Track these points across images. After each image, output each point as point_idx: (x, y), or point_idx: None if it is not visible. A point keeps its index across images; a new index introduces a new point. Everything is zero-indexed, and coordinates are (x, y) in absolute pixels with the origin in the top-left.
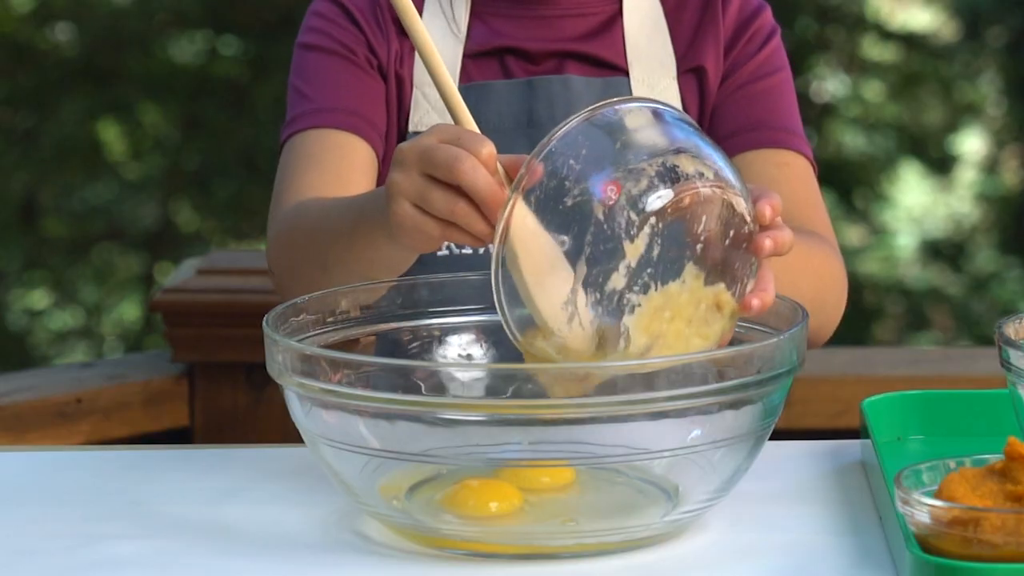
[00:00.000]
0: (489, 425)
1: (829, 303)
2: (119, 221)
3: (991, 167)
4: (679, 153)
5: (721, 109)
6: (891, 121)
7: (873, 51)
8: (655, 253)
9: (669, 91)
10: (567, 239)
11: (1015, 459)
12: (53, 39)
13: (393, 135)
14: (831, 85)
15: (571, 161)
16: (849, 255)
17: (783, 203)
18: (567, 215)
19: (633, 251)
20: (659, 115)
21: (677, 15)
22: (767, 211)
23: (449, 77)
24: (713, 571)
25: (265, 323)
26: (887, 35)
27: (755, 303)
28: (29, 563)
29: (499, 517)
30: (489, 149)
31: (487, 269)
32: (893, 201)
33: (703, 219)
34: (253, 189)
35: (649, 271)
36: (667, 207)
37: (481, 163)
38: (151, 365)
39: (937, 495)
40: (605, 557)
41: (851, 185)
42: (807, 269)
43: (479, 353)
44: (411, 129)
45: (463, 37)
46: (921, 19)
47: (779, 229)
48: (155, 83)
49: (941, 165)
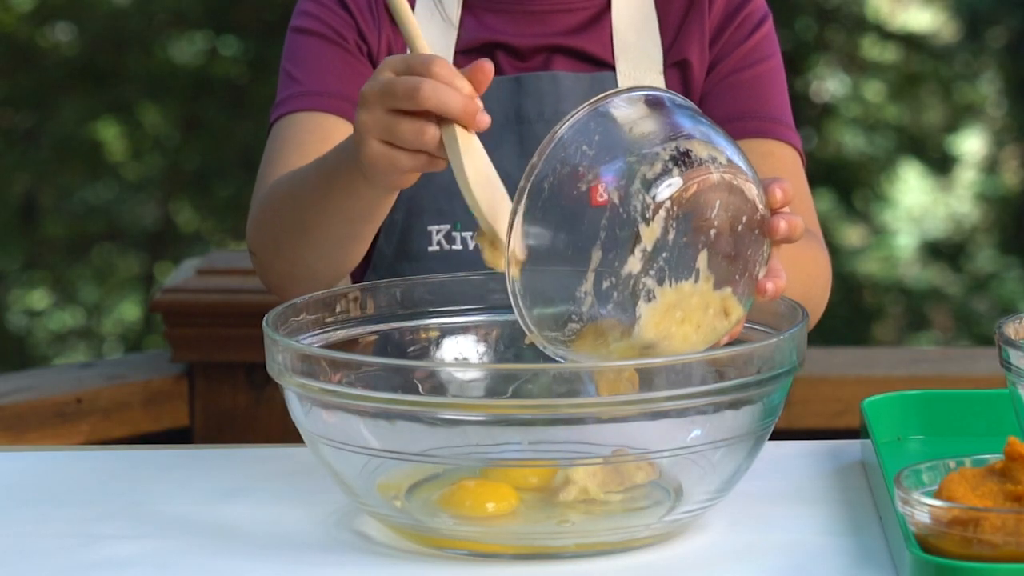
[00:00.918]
0: (489, 425)
1: (815, 296)
2: (119, 221)
3: (991, 167)
4: (691, 139)
5: (708, 98)
6: (891, 121)
7: (873, 51)
8: (670, 237)
9: (656, 85)
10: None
11: (1015, 459)
12: (53, 39)
13: None
14: (831, 85)
15: (584, 147)
16: (849, 255)
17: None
18: (581, 201)
19: (649, 235)
20: (668, 102)
21: (665, 8)
22: (778, 194)
23: (407, 6)
24: (713, 571)
25: (265, 323)
26: (887, 35)
27: (769, 287)
28: (29, 563)
29: (497, 517)
30: (440, 65)
31: (484, 268)
32: (893, 201)
33: (716, 204)
34: (253, 189)
35: (664, 256)
36: (682, 191)
37: (440, 82)
38: (151, 365)
39: (937, 495)
40: (605, 557)
41: (851, 185)
42: (796, 263)
43: (478, 353)
44: None
45: (455, 31)
46: (921, 19)
47: (792, 214)
48: (155, 83)
49: (941, 165)
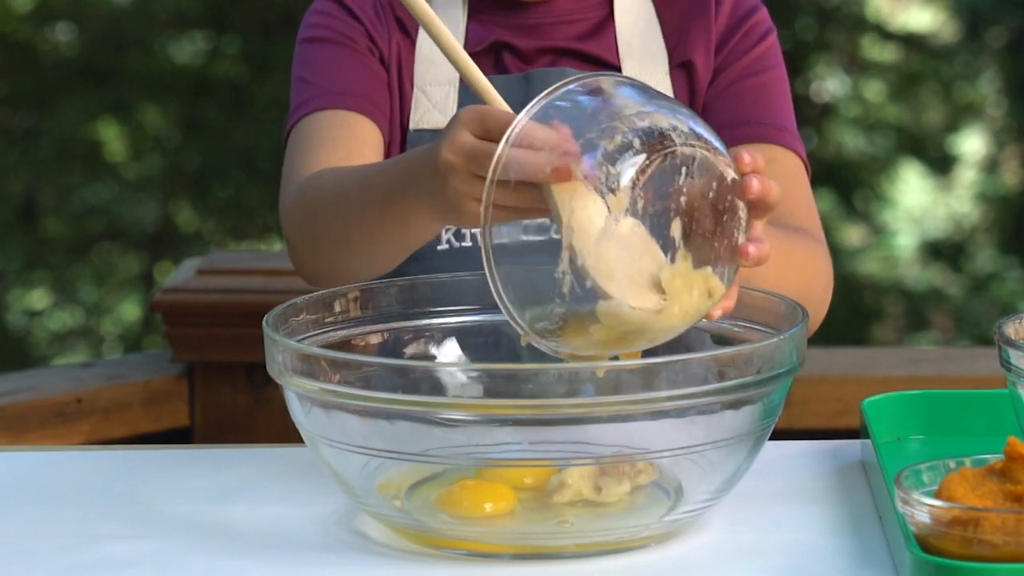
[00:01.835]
0: (488, 425)
1: (815, 296)
2: (119, 221)
3: (991, 167)
4: (650, 112)
5: (712, 105)
6: (891, 121)
7: (873, 51)
8: (639, 206)
9: (662, 85)
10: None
11: (1015, 459)
12: (53, 39)
13: (396, 127)
14: (831, 85)
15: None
16: (849, 255)
17: None
18: (547, 182)
19: (617, 204)
20: (624, 83)
21: (666, 9)
22: (746, 158)
23: (469, 59)
24: (713, 571)
25: (265, 323)
26: (887, 35)
27: (751, 250)
28: (29, 563)
29: (496, 517)
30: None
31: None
32: (893, 201)
33: (682, 170)
34: (253, 189)
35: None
36: (644, 161)
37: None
38: (151, 365)
39: (937, 495)
40: (605, 557)
41: (851, 185)
42: (791, 262)
43: (478, 353)
44: (412, 127)
45: (461, 38)
46: (921, 19)
47: (762, 240)
48: (155, 83)
49: (941, 165)
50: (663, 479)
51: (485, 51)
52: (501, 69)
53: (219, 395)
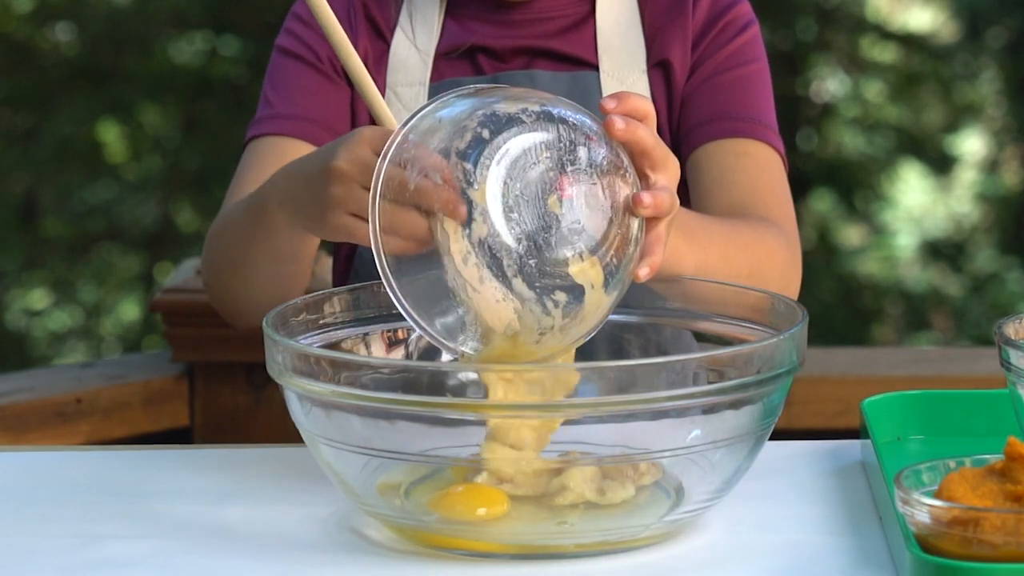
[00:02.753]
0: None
1: (772, 281)
2: (119, 221)
3: (991, 167)
4: (497, 102)
5: (689, 101)
6: (891, 121)
7: (873, 51)
8: (507, 192)
9: (638, 84)
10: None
11: (1015, 459)
12: (53, 39)
13: None
14: (831, 85)
15: (403, 155)
16: (849, 255)
17: (738, 192)
18: (414, 199)
19: (480, 196)
20: (480, 89)
21: (647, 8)
22: (609, 101)
23: (366, 72)
24: (713, 571)
25: (265, 323)
26: (887, 35)
27: (645, 198)
28: (29, 563)
29: (497, 518)
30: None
31: None
32: (893, 201)
33: (539, 144)
34: None
35: (513, 215)
36: (493, 146)
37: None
38: (151, 365)
39: (937, 495)
40: (605, 557)
41: (851, 185)
42: (736, 243)
43: (470, 337)
44: None
45: (437, 35)
46: (921, 19)
47: (657, 190)
48: (155, 83)
49: (941, 165)
50: (663, 479)
51: (460, 53)
52: (476, 70)
53: (219, 395)
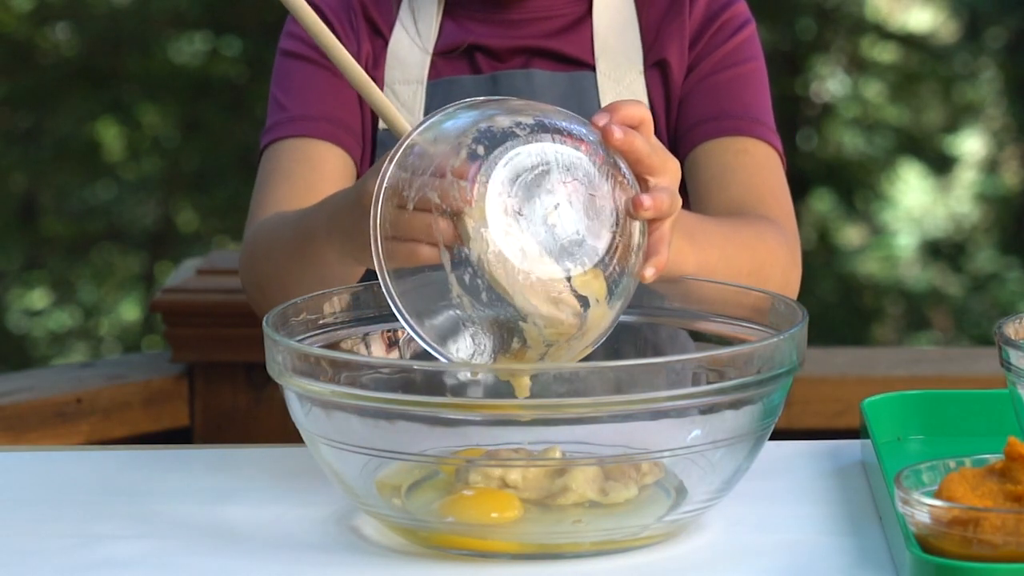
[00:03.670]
0: (489, 425)
1: (773, 280)
2: (119, 221)
3: (991, 167)
4: (493, 117)
5: (687, 100)
6: (891, 121)
7: (873, 51)
8: (504, 209)
9: (635, 85)
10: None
11: (1015, 459)
12: (53, 39)
13: (368, 134)
14: (831, 85)
15: (403, 173)
16: (849, 255)
17: (737, 191)
18: (415, 217)
19: (478, 215)
20: (481, 102)
21: (645, 9)
22: (601, 116)
23: (375, 87)
24: (713, 571)
25: (265, 323)
26: (887, 35)
27: (646, 200)
28: (29, 563)
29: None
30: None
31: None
32: (893, 201)
33: (535, 155)
34: (252, 189)
35: (510, 227)
36: (489, 163)
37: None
38: (151, 365)
39: (937, 495)
40: (605, 557)
41: (851, 185)
42: (736, 242)
43: (478, 353)
44: (381, 126)
45: (435, 34)
46: (921, 19)
47: (657, 192)
48: (154, 83)
49: (941, 165)
50: (664, 479)
51: (458, 51)
52: (473, 69)
53: (219, 395)
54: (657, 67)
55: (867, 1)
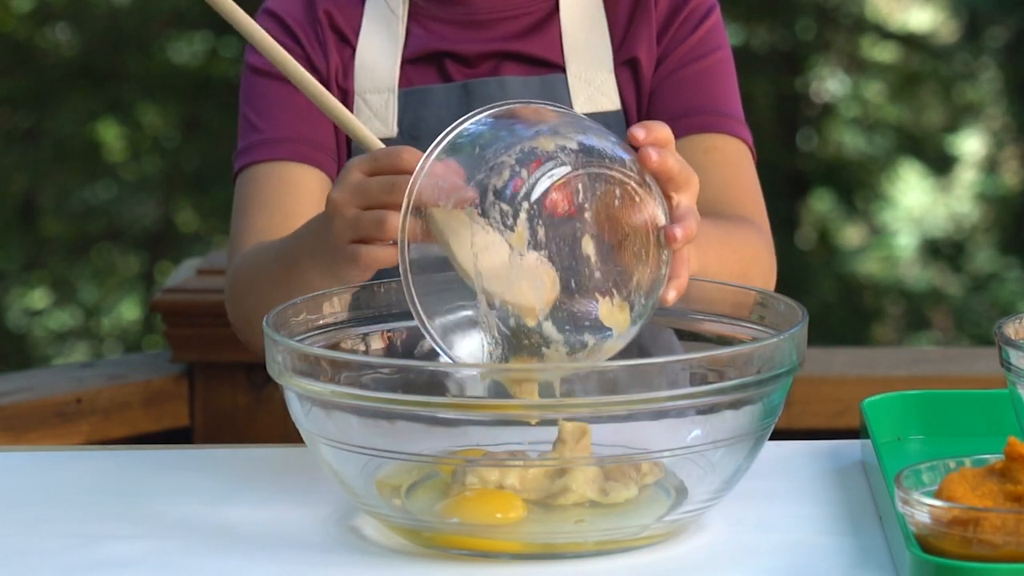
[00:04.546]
0: (489, 425)
1: (756, 282)
2: (119, 221)
3: (991, 167)
4: (536, 137)
5: (655, 97)
6: (891, 121)
7: (873, 51)
8: (541, 235)
9: (606, 84)
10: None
11: (1015, 459)
12: (53, 39)
13: (343, 146)
14: (831, 85)
15: (439, 183)
16: (849, 255)
17: (711, 191)
18: (448, 228)
19: (518, 240)
20: (517, 111)
21: (613, 7)
22: (639, 131)
23: (336, 102)
24: (713, 571)
25: (265, 323)
26: (887, 35)
27: (677, 232)
28: (29, 563)
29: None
30: (409, 154)
31: None
32: (893, 201)
33: (578, 187)
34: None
35: (545, 254)
36: (530, 187)
37: (405, 171)
38: (151, 365)
39: (937, 495)
40: (605, 557)
41: (851, 185)
42: (729, 247)
43: (478, 353)
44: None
45: (402, 40)
46: (921, 19)
47: (686, 218)
48: (154, 84)
49: (941, 165)
50: (664, 479)
51: (426, 59)
52: (444, 77)
53: (219, 395)
54: (628, 65)
55: (867, 1)
